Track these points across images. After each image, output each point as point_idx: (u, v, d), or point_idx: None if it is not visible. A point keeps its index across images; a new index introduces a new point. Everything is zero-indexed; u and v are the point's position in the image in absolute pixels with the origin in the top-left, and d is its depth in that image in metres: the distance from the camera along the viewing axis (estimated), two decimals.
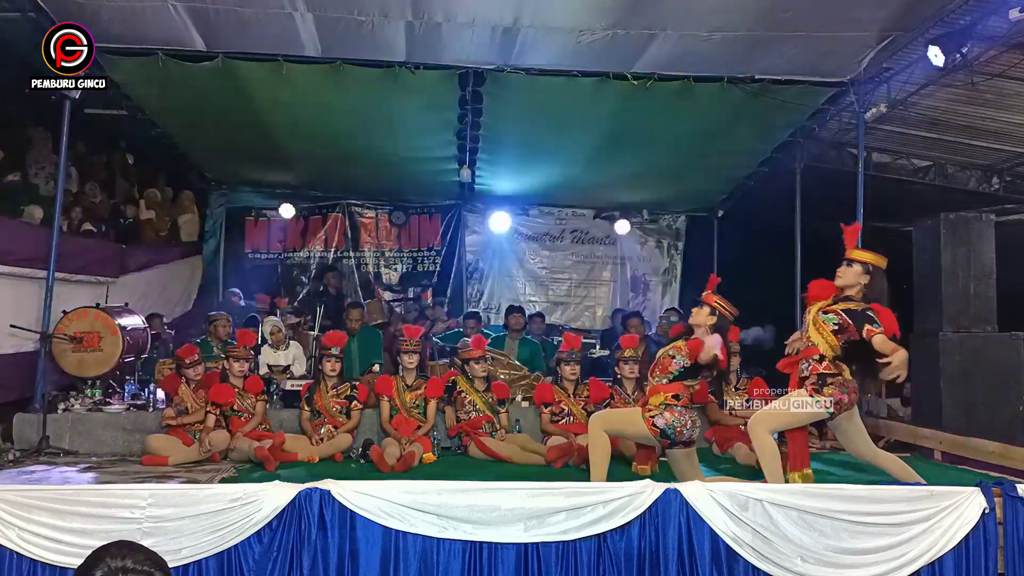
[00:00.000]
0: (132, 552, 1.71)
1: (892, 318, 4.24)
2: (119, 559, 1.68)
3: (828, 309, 4.35)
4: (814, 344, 4.34)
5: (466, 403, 6.10)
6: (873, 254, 4.41)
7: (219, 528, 3.75)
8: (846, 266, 4.39)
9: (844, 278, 4.38)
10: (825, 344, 4.30)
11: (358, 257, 10.81)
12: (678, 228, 11.10)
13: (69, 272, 6.85)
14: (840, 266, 4.42)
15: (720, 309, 4.59)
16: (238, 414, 5.85)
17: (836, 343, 4.28)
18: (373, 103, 7.30)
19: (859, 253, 4.40)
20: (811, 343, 4.37)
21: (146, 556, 1.72)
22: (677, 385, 4.55)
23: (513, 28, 5.90)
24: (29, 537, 3.73)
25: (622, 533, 3.83)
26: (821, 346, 4.31)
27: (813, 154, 8.08)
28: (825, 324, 4.31)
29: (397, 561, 3.77)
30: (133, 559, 1.69)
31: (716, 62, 6.30)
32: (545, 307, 10.54)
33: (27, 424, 5.81)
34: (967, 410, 5.74)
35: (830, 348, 4.29)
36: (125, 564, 1.68)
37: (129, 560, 1.69)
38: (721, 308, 4.59)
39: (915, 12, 5.48)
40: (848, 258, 4.40)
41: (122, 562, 1.68)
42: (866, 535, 3.90)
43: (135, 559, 1.69)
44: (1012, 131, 6.83)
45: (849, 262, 4.39)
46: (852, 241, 4.47)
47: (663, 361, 4.61)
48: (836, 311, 4.32)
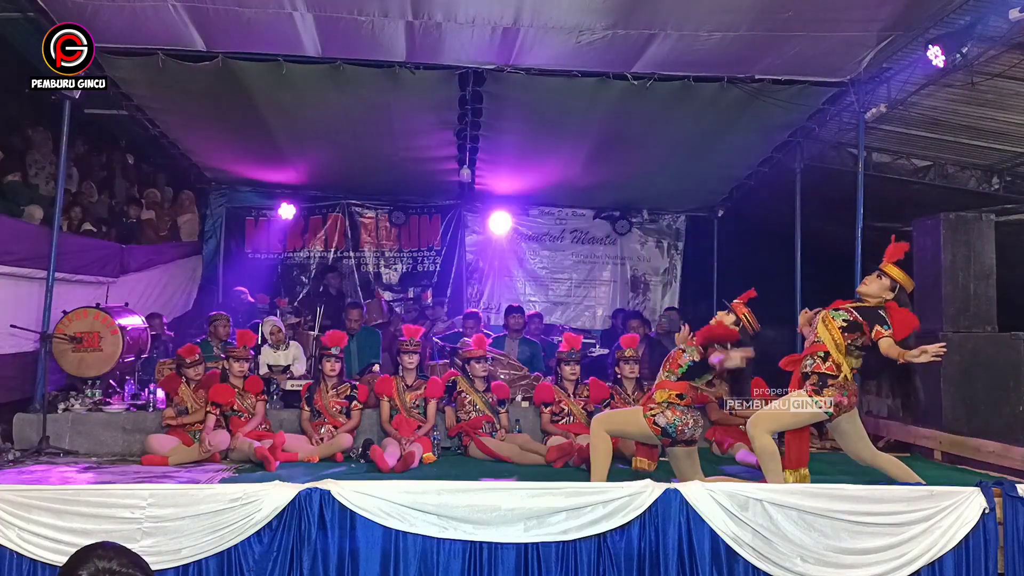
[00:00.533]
0: (119, 554, 1.71)
1: (907, 318, 4.24)
2: (106, 560, 1.68)
3: (839, 305, 4.36)
4: (820, 341, 4.35)
5: (466, 403, 6.10)
6: (905, 275, 4.41)
7: (219, 528, 3.75)
8: (876, 276, 4.40)
9: (869, 287, 4.40)
10: (831, 341, 4.30)
11: (358, 257, 10.81)
12: (678, 228, 11.09)
13: (69, 272, 6.85)
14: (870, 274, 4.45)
15: (744, 321, 4.60)
16: (238, 414, 5.85)
17: (842, 341, 4.28)
18: (373, 103, 7.29)
19: (893, 270, 4.40)
20: (817, 339, 4.37)
21: (131, 560, 1.72)
22: (683, 384, 4.55)
23: (513, 28, 5.89)
24: (29, 537, 3.74)
25: (622, 533, 3.83)
26: (827, 343, 4.31)
27: (813, 154, 8.07)
28: (834, 320, 4.31)
29: (397, 561, 3.78)
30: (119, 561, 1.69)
31: (716, 62, 6.30)
32: (545, 307, 10.54)
33: (27, 424, 5.82)
34: (967, 410, 5.74)
35: (835, 346, 4.29)
36: (111, 566, 1.68)
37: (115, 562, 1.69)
38: (745, 320, 4.60)
39: (915, 12, 5.48)
40: (881, 269, 4.41)
41: (108, 563, 1.68)
42: (866, 535, 3.90)
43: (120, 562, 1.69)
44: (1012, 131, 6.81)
45: (881, 274, 4.40)
46: (892, 257, 4.45)
47: (673, 355, 4.64)
48: (847, 308, 4.32)
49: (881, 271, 4.41)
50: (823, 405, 4.24)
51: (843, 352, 4.30)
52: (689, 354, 4.56)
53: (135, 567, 1.71)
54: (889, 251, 4.48)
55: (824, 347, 4.32)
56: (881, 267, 4.43)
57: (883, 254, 4.48)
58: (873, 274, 4.44)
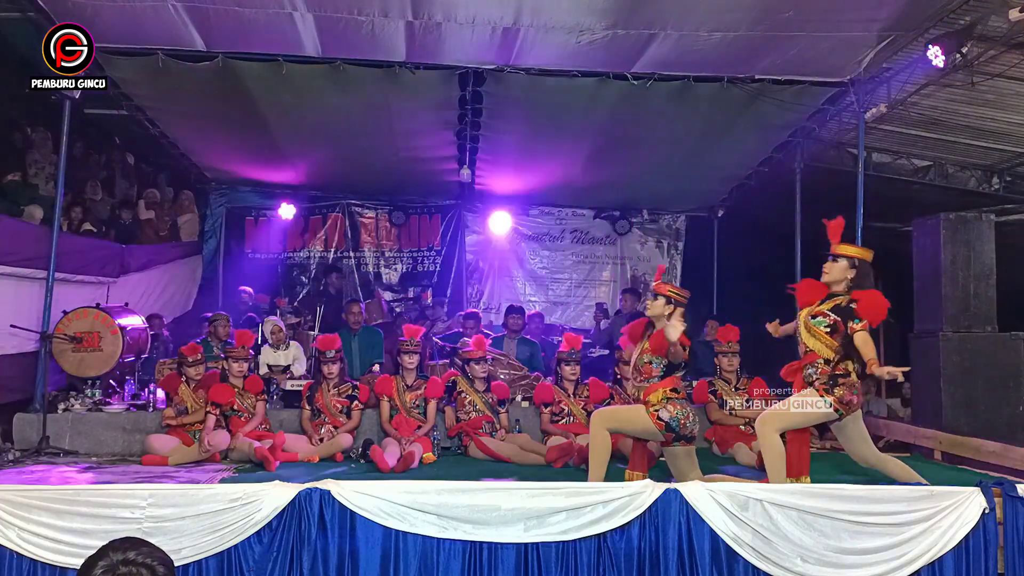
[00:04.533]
0: (135, 545, 1.74)
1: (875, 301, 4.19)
2: (121, 552, 1.70)
3: (816, 312, 4.32)
4: (812, 350, 4.32)
5: (466, 403, 6.10)
6: (858, 248, 4.37)
7: (219, 528, 3.75)
8: (832, 261, 4.35)
9: (831, 274, 4.34)
10: (824, 347, 4.28)
11: (358, 257, 10.81)
12: (678, 228, 11.09)
13: (69, 272, 6.85)
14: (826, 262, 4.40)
15: (673, 296, 4.56)
16: (238, 414, 5.85)
17: (834, 343, 4.27)
18: (373, 103, 7.29)
19: (844, 248, 4.36)
20: (809, 349, 4.34)
21: (150, 550, 1.74)
22: (672, 379, 4.53)
23: (513, 28, 5.89)
24: (29, 537, 3.74)
25: (622, 533, 3.83)
26: (821, 351, 4.29)
27: (813, 154, 8.07)
28: (818, 328, 4.29)
29: (397, 561, 3.78)
30: (136, 551, 1.71)
31: (716, 62, 6.30)
32: (545, 307, 10.54)
33: (27, 424, 5.82)
34: (967, 410, 5.75)
35: (831, 350, 4.27)
36: (127, 556, 1.70)
37: (132, 552, 1.71)
38: (674, 295, 4.57)
39: (915, 12, 5.48)
40: (833, 253, 4.36)
41: (124, 555, 1.70)
42: (866, 535, 3.90)
43: (138, 551, 1.72)
44: (1012, 131, 6.82)
45: (835, 257, 4.35)
46: (836, 236, 4.41)
47: (644, 368, 4.57)
48: (823, 312, 4.29)
49: (834, 255, 4.35)
50: (833, 404, 4.22)
51: (840, 354, 4.27)
52: (657, 364, 4.52)
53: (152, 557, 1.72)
54: (832, 231, 4.41)
55: (819, 355, 4.29)
56: (832, 251, 4.36)
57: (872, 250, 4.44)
58: (828, 261, 4.38)
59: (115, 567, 1.68)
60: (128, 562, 1.69)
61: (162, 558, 1.74)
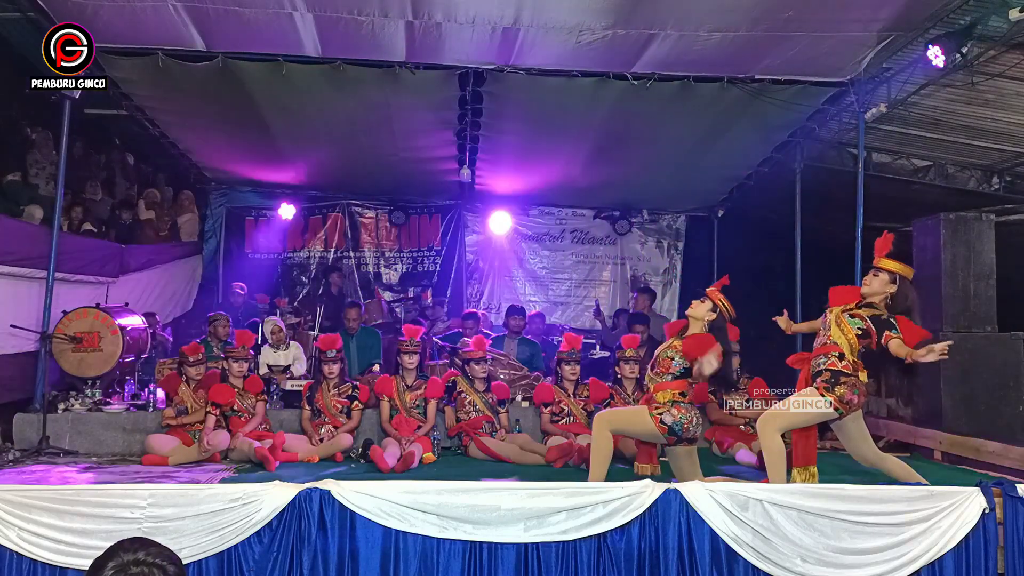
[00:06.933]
0: (145, 545, 1.74)
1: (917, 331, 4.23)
2: (131, 552, 1.70)
3: (855, 313, 4.34)
4: (835, 343, 4.34)
5: (466, 403, 6.10)
6: (901, 264, 4.39)
7: (219, 528, 3.75)
8: (873, 275, 4.39)
9: (871, 286, 4.37)
10: (847, 344, 4.30)
11: (358, 257, 10.81)
12: (678, 228, 11.09)
13: (69, 272, 6.85)
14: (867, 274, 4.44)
15: (721, 307, 4.59)
16: (238, 414, 5.85)
17: (857, 345, 4.29)
18: (373, 103, 7.29)
19: (887, 263, 4.38)
20: (831, 341, 4.36)
21: (159, 550, 1.74)
22: (682, 382, 4.55)
23: (513, 28, 5.89)
24: (29, 537, 3.73)
25: (622, 533, 3.83)
26: (843, 345, 4.30)
27: (813, 154, 8.06)
28: (851, 326, 4.31)
29: (397, 561, 3.78)
30: (146, 552, 1.71)
31: (716, 62, 6.30)
32: (545, 307, 10.53)
33: (27, 424, 5.82)
34: (967, 410, 5.75)
35: (850, 349, 4.29)
36: (137, 556, 1.70)
37: (141, 553, 1.71)
38: (722, 306, 4.60)
39: (915, 12, 5.48)
40: (876, 267, 4.40)
41: (134, 555, 1.70)
42: (866, 535, 3.90)
43: (148, 552, 1.72)
44: (1012, 131, 6.81)
45: (877, 271, 4.38)
46: (882, 251, 4.44)
47: (663, 361, 4.60)
48: (863, 316, 4.31)
49: (876, 268, 4.40)
50: (833, 403, 4.23)
51: (855, 354, 4.30)
52: (679, 362, 4.54)
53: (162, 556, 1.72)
54: (878, 245, 4.46)
55: (839, 348, 4.31)
56: (875, 264, 4.42)
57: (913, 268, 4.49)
58: (870, 273, 4.43)
59: (126, 567, 1.68)
60: (139, 562, 1.69)
61: (172, 558, 1.74)
